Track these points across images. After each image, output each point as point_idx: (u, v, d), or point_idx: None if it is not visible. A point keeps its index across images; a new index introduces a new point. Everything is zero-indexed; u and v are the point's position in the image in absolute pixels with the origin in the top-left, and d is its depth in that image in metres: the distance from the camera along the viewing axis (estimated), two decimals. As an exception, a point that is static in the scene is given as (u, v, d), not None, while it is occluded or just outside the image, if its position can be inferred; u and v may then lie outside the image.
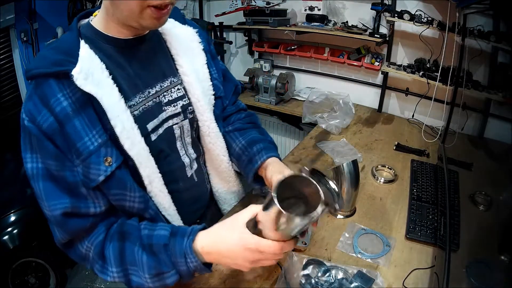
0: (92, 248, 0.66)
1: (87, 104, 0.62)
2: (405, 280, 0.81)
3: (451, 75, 1.47)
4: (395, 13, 1.64)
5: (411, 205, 1.08)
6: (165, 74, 0.76)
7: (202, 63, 0.82)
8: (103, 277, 0.67)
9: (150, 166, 0.70)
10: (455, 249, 0.79)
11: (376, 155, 1.45)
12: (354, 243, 0.92)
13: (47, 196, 0.63)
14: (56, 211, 0.62)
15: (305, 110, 1.85)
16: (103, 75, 0.63)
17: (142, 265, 0.63)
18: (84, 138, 0.61)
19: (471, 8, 1.21)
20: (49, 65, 0.60)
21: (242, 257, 0.60)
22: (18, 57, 3.14)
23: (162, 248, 0.63)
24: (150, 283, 0.64)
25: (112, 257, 0.65)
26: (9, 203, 1.85)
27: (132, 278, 0.65)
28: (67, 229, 0.65)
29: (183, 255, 0.62)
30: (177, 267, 0.63)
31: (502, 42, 1.01)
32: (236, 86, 0.99)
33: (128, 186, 0.67)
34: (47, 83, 0.60)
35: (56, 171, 0.62)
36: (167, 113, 0.76)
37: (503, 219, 0.73)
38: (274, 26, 1.99)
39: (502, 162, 0.86)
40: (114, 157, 0.64)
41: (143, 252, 0.64)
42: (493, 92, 1.09)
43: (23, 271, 1.76)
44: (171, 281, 0.64)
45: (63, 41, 0.67)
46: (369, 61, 1.92)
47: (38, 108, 0.59)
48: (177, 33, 0.80)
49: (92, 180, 0.62)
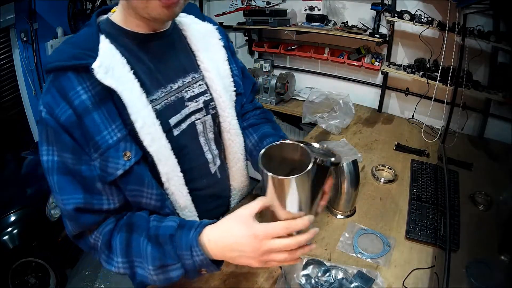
0: (101, 237, 0.65)
1: (107, 98, 0.61)
2: (405, 280, 0.81)
3: (451, 75, 1.47)
4: (395, 13, 1.64)
5: (411, 205, 1.08)
6: (186, 70, 0.76)
7: (223, 59, 0.82)
8: (108, 267, 0.66)
9: (170, 164, 0.69)
10: (455, 249, 0.79)
11: (376, 155, 1.45)
12: (354, 243, 0.92)
13: (61, 190, 0.62)
14: (69, 205, 0.62)
15: (305, 110, 1.84)
16: (124, 69, 0.62)
17: (146, 256, 0.62)
18: (103, 132, 0.60)
19: (471, 8, 1.21)
20: (68, 58, 0.60)
21: (251, 248, 0.56)
22: (18, 57, 3.14)
23: (168, 239, 0.61)
24: (153, 275, 0.62)
25: (118, 248, 0.64)
26: (9, 203, 1.85)
27: (137, 270, 0.64)
28: (79, 223, 0.64)
29: (189, 248, 0.59)
30: (182, 260, 0.60)
31: (502, 42, 1.01)
32: (254, 84, 0.99)
33: (146, 182, 0.66)
34: (66, 76, 0.59)
35: (72, 164, 0.61)
36: (190, 109, 0.75)
37: (503, 219, 0.73)
38: (274, 26, 1.99)
39: (502, 162, 0.86)
40: (133, 152, 0.63)
41: (148, 242, 0.62)
42: (493, 92, 1.09)
43: (23, 271, 1.76)
44: (175, 275, 0.61)
45: (81, 36, 0.66)
46: (369, 61, 1.92)
47: (57, 101, 0.59)
48: (197, 29, 0.80)
49: (110, 174, 0.62)
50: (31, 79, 3.25)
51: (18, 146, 2.97)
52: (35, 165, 2.25)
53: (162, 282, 0.63)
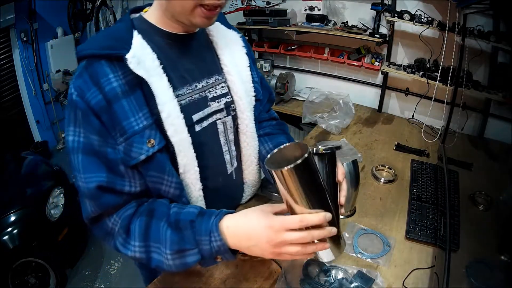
0: (119, 221, 0.67)
1: (137, 88, 0.65)
2: (405, 280, 0.81)
3: (451, 75, 1.47)
4: (395, 13, 1.64)
5: (411, 205, 1.08)
6: (210, 71, 0.80)
7: (245, 65, 0.87)
8: (123, 251, 0.67)
9: (189, 156, 0.72)
10: (455, 249, 0.79)
11: (376, 155, 1.44)
12: (354, 243, 0.92)
13: (84, 168, 0.64)
14: (92, 183, 0.63)
15: (305, 110, 1.84)
16: (154, 63, 0.66)
17: (165, 240, 0.63)
18: (131, 118, 0.64)
19: (471, 8, 1.22)
20: (102, 47, 0.64)
21: (266, 238, 0.58)
22: (18, 57, 3.15)
23: (188, 224, 0.63)
24: (170, 259, 0.63)
25: (137, 232, 0.65)
26: (9, 203, 1.85)
27: (153, 255, 0.65)
28: (100, 203, 0.65)
29: (208, 233, 0.61)
30: (200, 246, 0.62)
31: (502, 42, 1.01)
32: (271, 94, 1.04)
33: (167, 170, 0.69)
34: (99, 63, 0.63)
35: (98, 146, 0.64)
36: (212, 108, 0.79)
37: (503, 219, 0.73)
38: (274, 26, 1.99)
39: (502, 162, 0.86)
40: (157, 140, 0.66)
41: (168, 227, 0.64)
42: (493, 92, 1.10)
43: (23, 271, 1.76)
44: (191, 261, 0.63)
45: (115, 29, 0.71)
46: (369, 61, 1.92)
47: (88, 85, 0.62)
48: (223, 34, 0.84)
49: (132, 158, 0.65)
50: (31, 79, 3.26)
51: (18, 146, 2.98)
52: (35, 165, 2.25)
53: (178, 268, 0.64)
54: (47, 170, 2.25)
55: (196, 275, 0.82)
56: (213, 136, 0.81)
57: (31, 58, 3.23)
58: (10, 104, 3.22)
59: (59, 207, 2.00)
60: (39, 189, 2.01)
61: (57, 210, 1.99)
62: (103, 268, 2.16)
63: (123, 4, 3.28)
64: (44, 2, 3.18)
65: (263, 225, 0.58)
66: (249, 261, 0.86)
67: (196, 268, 0.83)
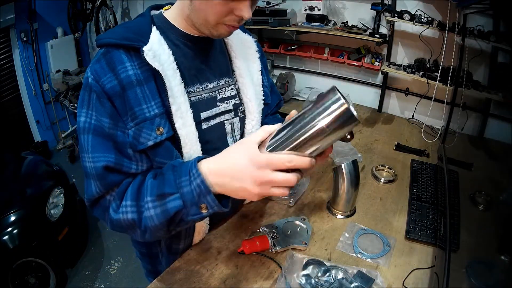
0: (117, 189, 0.67)
1: (151, 79, 0.67)
2: (405, 280, 0.81)
3: (451, 75, 1.47)
4: (395, 13, 1.64)
5: (411, 205, 1.08)
6: (222, 73, 0.82)
7: (257, 69, 0.89)
8: (115, 216, 0.65)
9: (194, 150, 0.73)
10: (455, 249, 0.79)
11: (376, 155, 1.44)
12: (354, 243, 0.92)
13: (93, 148, 0.65)
14: (99, 163, 0.64)
15: (305, 110, 1.84)
16: (169, 59, 0.68)
17: (147, 188, 0.63)
18: (143, 105, 0.66)
19: (471, 8, 1.22)
20: (121, 38, 0.67)
21: (249, 176, 0.55)
22: (18, 57, 3.15)
23: (170, 168, 0.64)
24: (151, 208, 0.61)
25: (130, 192, 0.66)
26: (9, 203, 1.85)
27: (142, 215, 0.63)
28: (105, 182, 0.66)
29: (187, 172, 0.59)
30: (181, 189, 0.59)
31: (502, 42, 1.01)
32: (280, 101, 1.06)
33: (174, 156, 0.70)
34: (117, 51, 0.66)
35: (108, 128, 0.65)
36: (220, 109, 0.81)
37: (503, 219, 0.73)
38: (274, 26, 1.99)
39: (502, 162, 0.86)
40: (166, 129, 0.68)
41: (151, 177, 0.65)
42: (493, 92, 1.09)
43: (23, 271, 1.76)
44: (172, 206, 0.60)
45: (135, 23, 0.73)
46: (369, 61, 1.92)
47: (105, 71, 0.65)
48: (238, 38, 0.86)
49: (141, 143, 0.66)
50: (31, 79, 3.26)
51: (18, 146, 2.98)
52: (35, 165, 2.25)
53: (159, 218, 0.61)
54: (47, 170, 2.25)
55: (196, 275, 0.82)
56: (221, 136, 0.83)
57: (31, 58, 3.23)
58: (10, 104, 3.22)
59: (59, 207, 2.01)
60: (39, 189, 2.01)
61: (57, 210, 1.99)
62: (103, 268, 2.16)
63: (123, 4, 3.28)
64: (44, 2, 3.18)
65: (247, 161, 0.55)
66: (249, 261, 0.86)
67: (196, 268, 0.84)
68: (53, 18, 3.33)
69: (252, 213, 1.03)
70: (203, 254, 0.88)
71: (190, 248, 0.89)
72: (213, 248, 0.90)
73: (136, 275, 2.07)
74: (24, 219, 1.80)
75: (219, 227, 0.97)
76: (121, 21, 3.31)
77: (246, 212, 1.03)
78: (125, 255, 2.22)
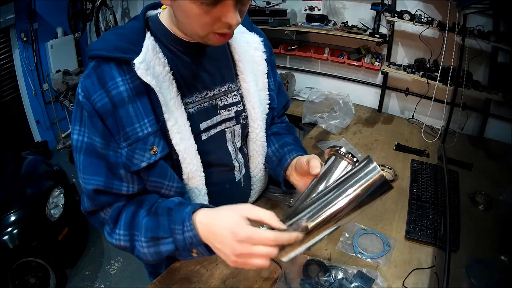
0: (110, 211, 0.68)
1: (144, 94, 0.64)
2: (405, 280, 0.81)
3: (451, 75, 1.47)
4: (395, 13, 1.64)
5: (411, 205, 1.08)
6: (224, 79, 0.77)
7: (263, 72, 0.84)
8: (110, 240, 0.69)
9: (194, 163, 0.71)
10: (455, 249, 0.79)
11: (376, 155, 1.44)
12: (354, 243, 0.92)
13: (84, 169, 0.66)
14: (89, 185, 0.65)
15: (305, 110, 1.84)
16: (164, 69, 0.65)
17: (141, 227, 0.64)
18: (135, 124, 0.63)
19: (471, 8, 1.22)
20: (112, 49, 0.62)
21: (229, 246, 0.55)
22: (18, 57, 3.15)
23: (165, 211, 0.63)
24: (145, 247, 0.63)
25: (123, 220, 0.67)
26: (9, 203, 1.85)
27: (136, 244, 0.65)
28: (96, 203, 0.68)
29: (181, 223, 0.60)
30: (174, 235, 0.60)
31: (502, 42, 1.01)
32: (287, 102, 1.02)
33: (168, 175, 0.69)
34: (108, 65, 0.62)
35: (100, 148, 0.64)
36: (221, 117, 0.77)
37: (503, 219, 0.73)
38: (274, 26, 1.99)
39: (502, 162, 0.86)
40: (160, 147, 0.66)
41: (146, 215, 0.65)
42: (493, 92, 1.10)
43: (23, 271, 1.76)
44: (165, 249, 0.62)
45: (128, 29, 0.68)
46: (369, 61, 1.92)
47: (95, 87, 0.62)
48: (243, 39, 0.81)
49: (134, 165, 0.65)
50: (31, 79, 3.25)
51: (18, 146, 2.97)
52: (35, 165, 2.25)
53: (153, 256, 0.64)
54: (47, 170, 2.25)
55: (196, 275, 0.82)
56: (221, 144, 0.80)
57: (31, 58, 3.23)
58: (10, 104, 3.22)
59: (59, 207, 2.00)
60: (39, 189, 2.01)
61: (57, 210, 1.99)
62: (103, 268, 2.16)
63: (123, 4, 3.28)
64: (44, 2, 3.18)
65: (229, 231, 0.55)
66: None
67: (196, 268, 0.84)
68: (53, 18, 3.33)
69: (252, 213, 1.03)
70: (203, 254, 0.88)
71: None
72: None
73: (136, 275, 2.07)
74: (24, 219, 1.80)
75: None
76: (121, 21, 3.31)
77: (246, 212, 1.03)
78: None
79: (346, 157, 0.65)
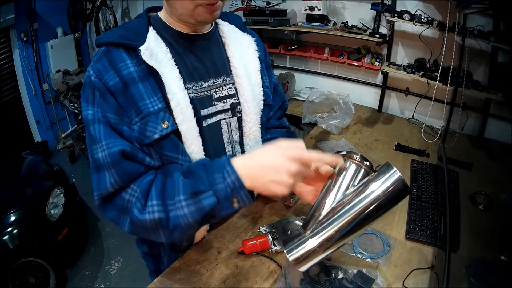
0: (138, 189, 0.65)
1: (150, 76, 0.69)
2: (405, 280, 0.81)
3: (451, 75, 1.47)
4: (395, 13, 1.64)
5: (411, 205, 1.08)
6: (219, 72, 0.82)
7: (256, 69, 0.88)
8: (141, 217, 0.63)
9: (196, 144, 0.74)
10: (455, 249, 0.79)
11: (376, 155, 1.44)
12: (354, 243, 0.92)
13: (106, 136, 0.65)
14: (115, 147, 0.64)
15: (305, 110, 1.85)
16: (166, 56, 0.71)
17: (179, 187, 0.62)
18: (146, 100, 0.68)
19: (471, 8, 1.22)
20: (119, 37, 0.69)
21: (285, 168, 0.56)
22: (18, 57, 3.15)
23: (200, 166, 0.64)
24: (185, 207, 0.61)
25: (154, 191, 0.64)
26: (9, 203, 1.85)
27: (170, 214, 0.62)
28: (121, 169, 0.64)
29: (221, 170, 0.59)
30: (214, 186, 0.59)
31: (502, 42, 1.01)
32: (284, 102, 1.04)
33: (180, 149, 0.72)
34: (118, 50, 0.69)
35: (114, 124, 0.66)
36: (217, 108, 0.81)
37: (503, 219, 0.73)
38: (274, 26, 1.99)
39: (502, 162, 0.86)
40: (170, 122, 0.70)
41: (180, 176, 0.65)
42: (493, 92, 1.09)
43: (23, 271, 1.76)
44: (207, 203, 0.60)
45: (133, 24, 0.76)
46: (369, 61, 1.92)
47: (106, 68, 0.67)
48: (236, 38, 0.87)
49: (147, 137, 0.68)
50: (31, 79, 3.26)
51: (18, 146, 2.97)
52: (35, 165, 2.25)
53: (194, 216, 0.61)
54: (47, 170, 2.25)
55: (196, 275, 0.82)
56: (217, 136, 0.82)
57: (31, 58, 3.23)
58: (10, 104, 3.22)
59: (59, 207, 2.00)
60: (39, 189, 2.01)
61: (57, 210, 1.99)
62: (103, 268, 2.16)
63: (123, 4, 3.28)
64: (44, 2, 3.18)
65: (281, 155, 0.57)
66: (249, 261, 0.86)
67: (196, 268, 0.84)
68: (53, 18, 3.33)
69: (252, 213, 1.03)
70: (203, 254, 0.88)
71: (190, 248, 0.89)
72: (213, 248, 0.90)
73: (136, 275, 2.07)
74: (24, 219, 1.80)
75: (219, 227, 0.97)
76: (121, 21, 3.31)
77: (246, 212, 1.03)
78: (125, 255, 2.22)
79: (364, 165, 0.66)
